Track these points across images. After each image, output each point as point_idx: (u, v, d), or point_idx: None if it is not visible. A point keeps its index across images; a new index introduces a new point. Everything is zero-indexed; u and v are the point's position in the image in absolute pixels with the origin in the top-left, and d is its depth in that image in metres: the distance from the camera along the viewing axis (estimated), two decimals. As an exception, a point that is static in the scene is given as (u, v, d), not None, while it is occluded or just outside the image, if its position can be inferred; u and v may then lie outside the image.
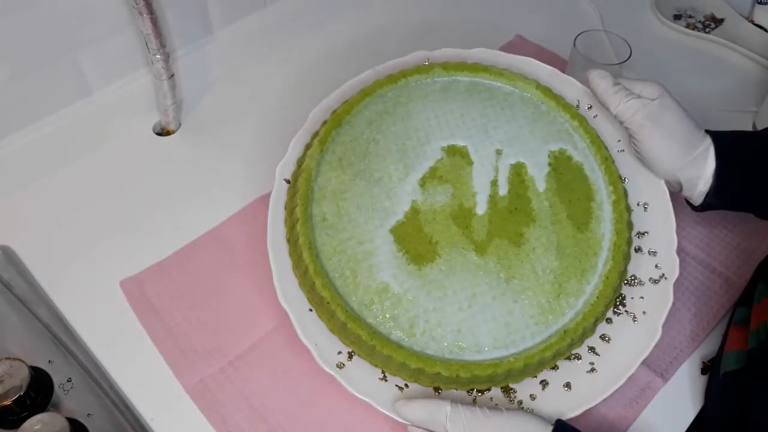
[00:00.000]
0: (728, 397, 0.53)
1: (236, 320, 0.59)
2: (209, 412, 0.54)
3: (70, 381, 0.54)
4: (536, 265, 0.55)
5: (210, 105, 0.78)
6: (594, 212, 0.58)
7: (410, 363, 0.51)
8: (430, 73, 0.63)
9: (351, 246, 0.55)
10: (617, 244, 0.57)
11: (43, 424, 0.48)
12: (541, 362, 0.52)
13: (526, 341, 0.53)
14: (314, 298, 0.54)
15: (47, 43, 0.64)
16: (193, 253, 0.63)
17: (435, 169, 0.58)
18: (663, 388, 0.56)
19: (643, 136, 0.57)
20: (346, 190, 0.57)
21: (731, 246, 0.65)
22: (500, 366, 0.51)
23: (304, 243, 0.55)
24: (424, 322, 0.53)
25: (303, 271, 0.55)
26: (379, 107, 0.61)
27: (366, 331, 0.52)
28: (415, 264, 0.55)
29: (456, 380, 0.52)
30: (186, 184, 0.70)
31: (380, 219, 0.56)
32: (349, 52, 0.85)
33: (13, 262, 0.61)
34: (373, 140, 0.60)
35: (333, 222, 0.56)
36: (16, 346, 0.55)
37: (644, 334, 0.55)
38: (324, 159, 0.59)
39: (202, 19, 0.76)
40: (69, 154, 0.70)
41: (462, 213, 0.57)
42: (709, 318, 0.60)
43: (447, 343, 0.53)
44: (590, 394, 0.52)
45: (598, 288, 0.55)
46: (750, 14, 0.90)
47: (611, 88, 0.58)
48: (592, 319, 0.54)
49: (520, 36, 0.88)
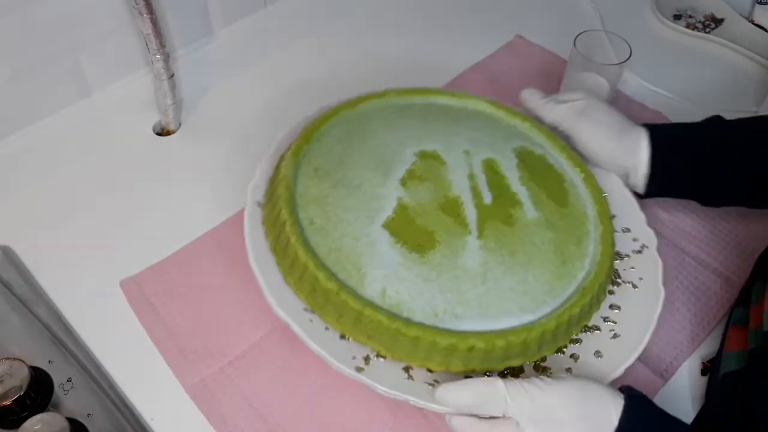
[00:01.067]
0: (729, 397, 0.53)
1: (236, 320, 0.59)
2: (209, 412, 0.54)
3: (70, 381, 0.54)
4: (534, 239, 0.56)
5: (210, 105, 0.78)
6: (569, 190, 0.62)
7: (440, 340, 0.49)
8: (384, 97, 0.65)
9: (347, 243, 0.53)
10: (600, 211, 0.60)
11: (43, 424, 0.48)
12: (570, 322, 0.52)
13: (549, 304, 0.53)
14: (317, 299, 0.52)
15: (47, 43, 0.64)
16: (193, 253, 0.63)
17: (412, 171, 0.59)
18: (663, 388, 0.56)
19: (577, 132, 0.63)
20: (327, 195, 0.56)
21: (731, 246, 0.65)
22: (533, 330, 0.50)
23: (297, 242, 0.52)
24: (443, 302, 0.51)
25: (300, 274, 0.52)
26: (343, 127, 0.62)
27: (385, 315, 0.49)
28: (417, 252, 0.53)
29: (491, 353, 0.50)
30: (186, 184, 0.70)
31: (369, 217, 0.55)
32: (349, 51, 0.85)
33: (13, 262, 0.62)
34: (345, 153, 0.60)
35: (322, 224, 0.54)
36: (16, 346, 0.55)
37: (649, 295, 0.57)
38: (300, 170, 0.58)
39: (202, 19, 0.76)
40: (69, 155, 0.70)
41: (449, 204, 0.57)
42: (709, 318, 0.60)
43: (473, 318, 0.51)
44: (621, 356, 0.53)
45: (598, 249, 0.58)
46: (750, 14, 0.90)
47: (541, 101, 0.65)
48: (603, 275, 0.55)
49: (520, 36, 0.88)
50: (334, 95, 0.79)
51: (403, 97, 0.66)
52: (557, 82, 0.76)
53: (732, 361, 0.54)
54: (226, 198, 0.68)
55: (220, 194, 0.68)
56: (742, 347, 0.53)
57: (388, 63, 0.84)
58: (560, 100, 0.65)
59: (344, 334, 0.51)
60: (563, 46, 0.78)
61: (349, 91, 0.79)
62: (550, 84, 0.81)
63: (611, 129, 0.62)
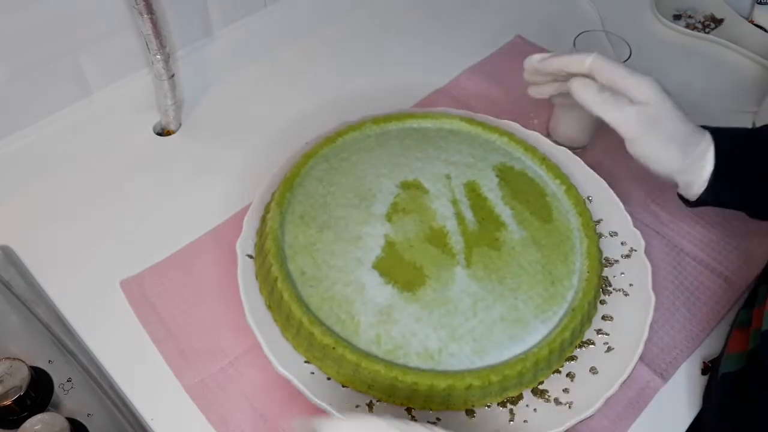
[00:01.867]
0: (726, 397, 0.53)
1: (236, 320, 0.59)
2: (209, 412, 0.54)
3: (70, 381, 0.54)
4: (521, 261, 0.57)
5: (210, 105, 0.78)
6: (552, 204, 0.62)
7: (438, 383, 0.50)
8: (362, 128, 0.66)
9: (338, 290, 0.54)
10: (584, 224, 0.61)
11: (43, 424, 0.48)
12: (562, 347, 0.53)
13: (541, 330, 0.54)
14: (315, 353, 0.52)
15: (47, 43, 0.64)
16: (194, 253, 0.63)
17: (396, 204, 0.60)
18: (663, 388, 0.56)
19: (641, 144, 0.55)
20: (315, 242, 0.57)
21: (731, 246, 0.65)
22: (527, 359, 0.51)
23: (290, 297, 0.53)
24: (436, 341, 0.52)
25: (296, 329, 0.53)
26: (324, 166, 0.63)
27: (382, 365, 0.50)
28: (407, 290, 0.55)
29: (488, 389, 0.51)
30: (186, 184, 0.70)
31: (359, 259, 0.56)
32: (349, 50, 0.85)
33: (13, 262, 0.62)
34: (328, 193, 0.60)
35: (313, 273, 0.55)
36: (16, 346, 0.55)
37: (640, 302, 0.57)
38: (285, 219, 0.58)
39: (202, 20, 0.76)
40: (69, 154, 0.70)
41: (435, 234, 0.58)
42: (709, 318, 0.60)
43: (467, 355, 0.52)
44: (617, 369, 0.53)
45: (584, 264, 0.58)
46: (750, 14, 0.90)
47: (598, 97, 0.55)
48: (591, 292, 0.56)
49: (520, 36, 0.88)
50: (333, 95, 0.79)
51: (380, 125, 0.67)
52: (557, 82, 0.76)
53: (732, 362, 0.54)
54: (227, 198, 0.68)
55: (220, 194, 0.68)
56: (743, 348, 0.53)
57: (388, 62, 0.84)
58: (625, 93, 0.54)
59: (345, 384, 0.52)
60: (563, 46, 0.78)
61: (349, 90, 0.79)
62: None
63: (679, 144, 0.55)
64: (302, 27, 0.86)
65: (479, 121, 0.68)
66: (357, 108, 0.74)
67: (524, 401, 0.52)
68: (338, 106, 0.77)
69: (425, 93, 0.79)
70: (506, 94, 0.80)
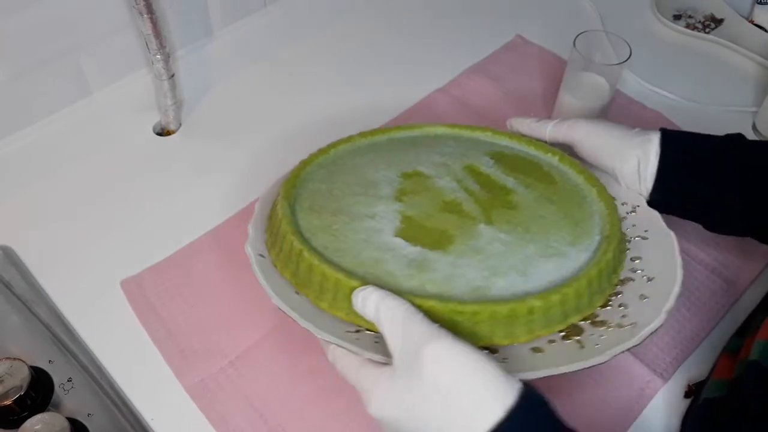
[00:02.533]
0: (705, 423, 0.52)
1: (236, 320, 0.59)
2: (209, 412, 0.54)
3: (71, 381, 0.54)
4: (541, 213, 0.57)
5: (210, 105, 0.78)
6: (551, 172, 0.63)
7: (500, 309, 0.48)
8: (351, 141, 0.66)
9: (367, 255, 0.52)
10: (587, 179, 0.61)
11: (44, 423, 0.48)
12: (609, 268, 0.53)
13: (582, 258, 0.54)
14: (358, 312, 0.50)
15: (47, 43, 0.64)
16: (194, 253, 0.63)
17: (402, 189, 0.59)
18: (663, 388, 0.56)
19: (580, 136, 0.60)
20: (331, 224, 0.55)
21: (731, 246, 0.65)
22: (580, 279, 0.51)
23: (321, 261, 0.50)
24: (482, 280, 0.50)
25: (332, 294, 0.50)
26: (322, 171, 0.62)
27: (435, 300, 0.47)
28: (438, 248, 0.53)
29: (550, 312, 0.49)
30: (186, 184, 0.70)
31: (379, 233, 0.55)
32: (349, 50, 0.85)
33: (13, 262, 0.62)
34: (333, 188, 0.60)
35: (336, 246, 0.53)
36: (17, 346, 0.55)
37: (662, 240, 0.57)
38: (296, 209, 0.57)
39: (202, 20, 0.76)
40: (69, 154, 0.70)
41: (449, 205, 0.57)
42: (709, 318, 0.61)
43: (517, 284, 0.50)
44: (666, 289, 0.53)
45: (600, 205, 0.58)
46: (750, 14, 0.90)
47: (534, 123, 0.64)
48: (617, 222, 0.56)
49: (520, 36, 0.88)
50: (333, 95, 0.79)
51: (367, 138, 0.67)
52: (557, 82, 0.76)
53: (716, 388, 0.53)
54: (227, 198, 0.68)
55: (220, 194, 0.68)
56: (728, 376, 0.52)
57: (389, 62, 0.84)
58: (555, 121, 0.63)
59: None
60: (563, 46, 0.78)
61: (349, 90, 0.79)
62: (550, 84, 0.81)
63: (618, 128, 0.59)
64: (302, 27, 0.86)
65: (463, 126, 0.69)
66: (357, 108, 0.74)
67: (587, 332, 0.51)
68: (338, 106, 0.77)
69: (425, 93, 0.79)
70: (506, 94, 0.80)
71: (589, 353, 0.48)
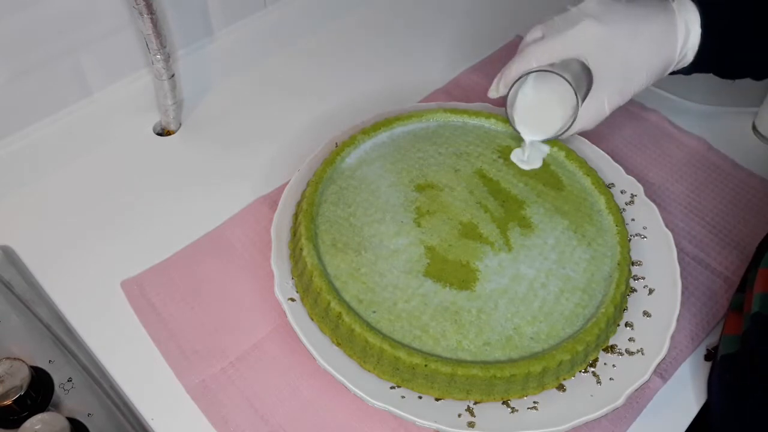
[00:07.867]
0: (727, 380, 0.54)
1: (237, 321, 0.59)
2: (210, 412, 0.54)
3: (71, 381, 0.54)
4: (554, 233, 0.59)
5: (210, 105, 0.78)
6: (558, 173, 0.64)
7: (534, 368, 0.51)
8: (354, 142, 0.66)
9: (402, 308, 0.54)
10: (594, 182, 0.63)
11: (44, 423, 0.48)
12: (622, 300, 0.56)
13: (599, 291, 0.56)
14: (403, 376, 0.51)
15: (47, 43, 0.64)
16: (194, 254, 0.63)
17: (419, 208, 0.61)
18: (662, 388, 0.56)
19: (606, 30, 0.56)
20: (358, 266, 0.56)
21: (731, 245, 0.65)
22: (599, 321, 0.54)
23: (363, 328, 0.52)
24: (513, 331, 0.54)
25: (376, 358, 0.52)
26: (333, 187, 0.62)
27: (477, 368, 0.50)
28: (465, 289, 0.55)
29: (576, 359, 0.53)
30: (186, 184, 0.70)
31: (407, 272, 0.56)
32: (349, 50, 0.85)
33: (13, 262, 0.61)
34: (350, 215, 0.60)
35: (369, 298, 0.54)
36: (17, 346, 0.55)
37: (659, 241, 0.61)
38: (321, 251, 0.57)
39: (203, 20, 0.76)
40: (69, 154, 0.70)
41: (467, 228, 0.59)
42: (709, 318, 0.61)
43: (546, 334, 0.54)
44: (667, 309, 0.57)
45: (609, 219, 0.61)
46: (749, 14, 0.90)
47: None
48: (626, 244, 0.59)
49: (521, 36, 0.87)
50: (334, 95, 0.79)
51: (370, 135, 0.67)
52: (557, 82, 0.76)
53: (730, 343, 0.55)
54: (227, 198, 0.68)
55: (220, 194, 0.68)
56: (738, 332, 0.54)
57: (389, 62, 0.84)
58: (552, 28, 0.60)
59: (439, 397, 0.52)
60: (563, 47, 0.78)
61: (349, 90, 0.79)
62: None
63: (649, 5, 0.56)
64: (302, 27, 0.86)
65: (461, 109, 0.69)
66: (357, 107, 0.74)
67: (601, 361, 0.54)
68: (338, 105, 0.77)
69: (425, 93, 0.79)
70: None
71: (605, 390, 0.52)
